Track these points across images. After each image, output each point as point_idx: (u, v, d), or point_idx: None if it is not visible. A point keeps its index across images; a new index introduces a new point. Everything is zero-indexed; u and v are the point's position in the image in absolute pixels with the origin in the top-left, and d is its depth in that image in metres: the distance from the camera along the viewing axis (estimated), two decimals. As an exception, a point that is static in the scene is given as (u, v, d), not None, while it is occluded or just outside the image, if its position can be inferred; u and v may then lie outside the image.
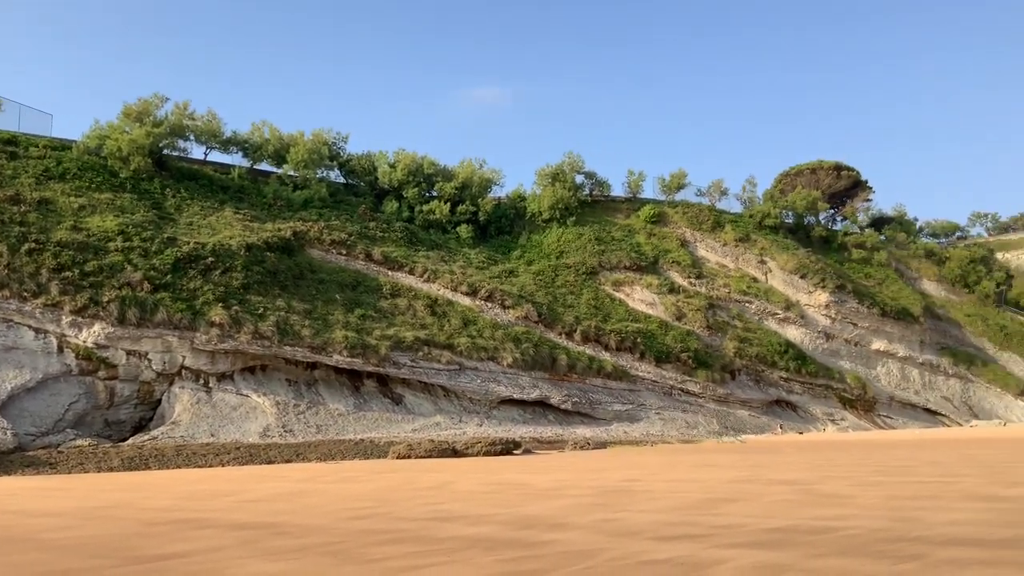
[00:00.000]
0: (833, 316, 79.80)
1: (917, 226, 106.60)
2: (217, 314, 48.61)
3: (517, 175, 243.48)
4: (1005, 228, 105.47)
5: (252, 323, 49.66)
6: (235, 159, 71.10)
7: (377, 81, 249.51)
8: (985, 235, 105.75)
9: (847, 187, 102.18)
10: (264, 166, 71.99)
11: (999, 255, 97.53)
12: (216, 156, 70.39)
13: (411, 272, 65.44)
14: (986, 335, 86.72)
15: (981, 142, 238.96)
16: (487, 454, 39.64)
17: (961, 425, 75.52)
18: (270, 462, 37.55)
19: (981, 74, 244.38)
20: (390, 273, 64.81)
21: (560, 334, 65.02)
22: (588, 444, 48.60)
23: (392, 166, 78.06)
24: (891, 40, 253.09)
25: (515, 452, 41.89)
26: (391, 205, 74.88)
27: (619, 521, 13.39)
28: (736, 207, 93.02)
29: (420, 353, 55.53)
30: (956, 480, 20.26)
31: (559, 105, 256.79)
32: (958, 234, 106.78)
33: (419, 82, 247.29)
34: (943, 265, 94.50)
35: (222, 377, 48.38)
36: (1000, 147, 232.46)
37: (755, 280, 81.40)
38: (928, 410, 78.90)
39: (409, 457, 38.01)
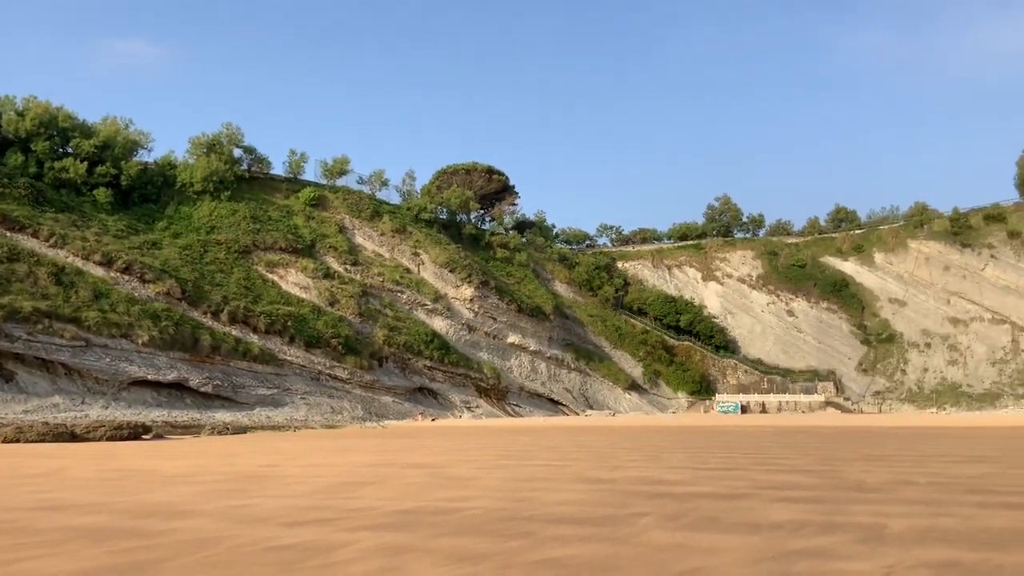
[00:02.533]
0: (476, 310, 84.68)
1: (554, 232, 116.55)
2: None
3: (169, 141, 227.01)
4: (626, 240, 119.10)
5: None
6: None
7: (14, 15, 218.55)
8: (609, 245, 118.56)
9: (497, 190, 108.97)
10: None
11: (619, 264, 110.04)
12: None
13: (35, 235, 58.32)
14: (604, 334, 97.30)
15: (612, 163, 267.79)
16: (112, 439, 36.48)
17: (578, 414, 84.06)
18: None
19: (619, 92, 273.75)
20: (8, 234, 57.18)
21: (205, 313, 61.82)
22: (228, 429, 46.68)
23: (20, 114, 68.78)
24: (550, 57, 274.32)
25: (144, 437, 39.03)
26: (15, 158, 65.98)
27: (249, 507, 13.05)
28: (395, 198, 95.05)
29: (40, 326, 49.67)
30: (568, 464, 22.35)
31: (223, 72, 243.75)
32: (587, 242, 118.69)
33: (59, 22, 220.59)
34: (573, 269, 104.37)
35: None
36: (628, 168, 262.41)
37: (408, 271, 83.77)
38: (552, 400, 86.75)
39: (18, 441, 33.83)
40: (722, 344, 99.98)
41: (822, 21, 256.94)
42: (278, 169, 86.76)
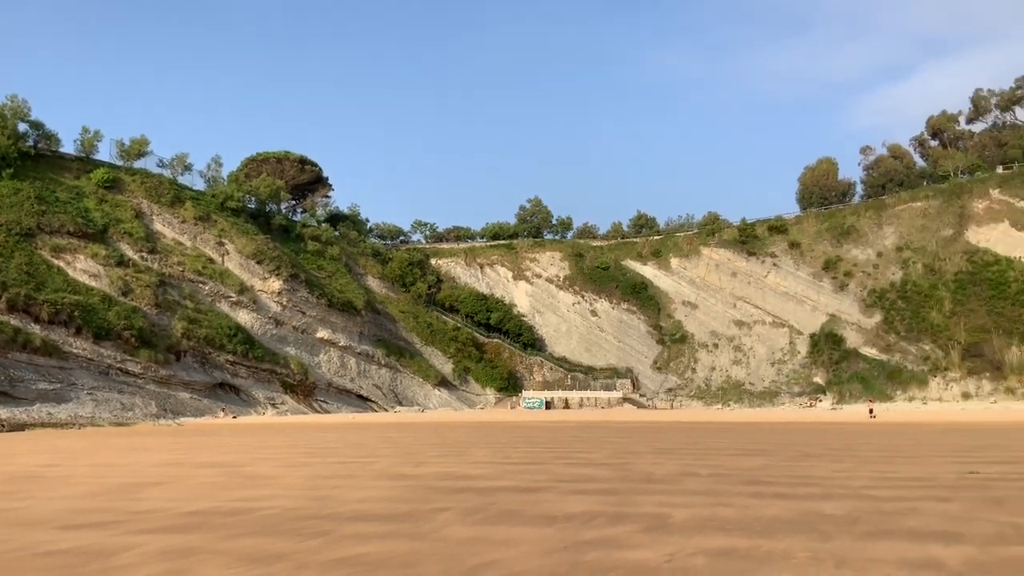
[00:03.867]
0: (284, 303, 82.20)
1: (368, 227, 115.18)
2: None
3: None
4: (440, 237, 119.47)
5: None
6: None
7: None
8: (423, 242, 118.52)
9: (310, 181, 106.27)
10: None
11: (433, 261, 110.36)
12: None
13: None
14: (415, 331, 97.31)
15: (427, 160, 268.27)
16: None
17: (387, 411, 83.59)
18: None
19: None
20: None
21: (-23, 300, 56.24)
22: (3, 426, 42.83)
23: None
24: (370, 45, 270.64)
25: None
26: None
27: (22, 510, 12.05)
28: (200, 184, 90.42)
29: None
30: (374, 460, 22.23)
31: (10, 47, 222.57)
32: (401, 238, 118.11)
33: None
34: (387, 265, 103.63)
35: None
36: (444, 166, 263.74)
37: (212, 261, 80.00)
38: (361, 396, 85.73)
39: None
40: (530, 342, 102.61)
41: (627, 33, 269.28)
42: (68, 147, 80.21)
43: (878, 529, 10.10)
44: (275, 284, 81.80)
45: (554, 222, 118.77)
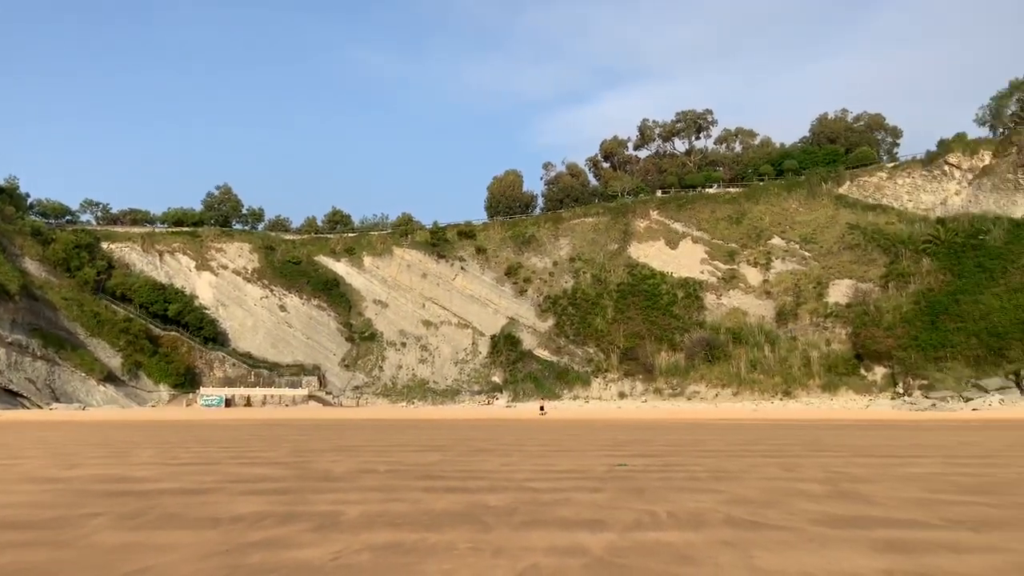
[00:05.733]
0: (-86, 284, 70.86)
1: (28, 202, 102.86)
2: None
3: None
4: (114, 219, 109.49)
5: None
6: None
7: None
8: (94, 223, 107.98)
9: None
10: None
11: (104, 244, 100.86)
12: None
13: None
14: (80, 320, 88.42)
15: (103, 134, 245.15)
16: None
17: (42, 407, 75.10)
18: None
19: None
20: None
21: None
22: None
23: None
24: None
25: None
26: None
27: None
28: None
29: None
30: (19, 463, 20.00)
31: None
32: (68, 218, 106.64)
33: None
34: (49, 246, 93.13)
35: None
36: (122, 141, 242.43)
37: None
38: (11, 391, 76.19)
39: None
40: (212, 336, 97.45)
41: (332, 30, 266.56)
42: None
43: (534, 519, 10.87)
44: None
45: (244, 212, 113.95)
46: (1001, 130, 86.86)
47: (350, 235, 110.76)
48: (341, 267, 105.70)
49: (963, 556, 8.57)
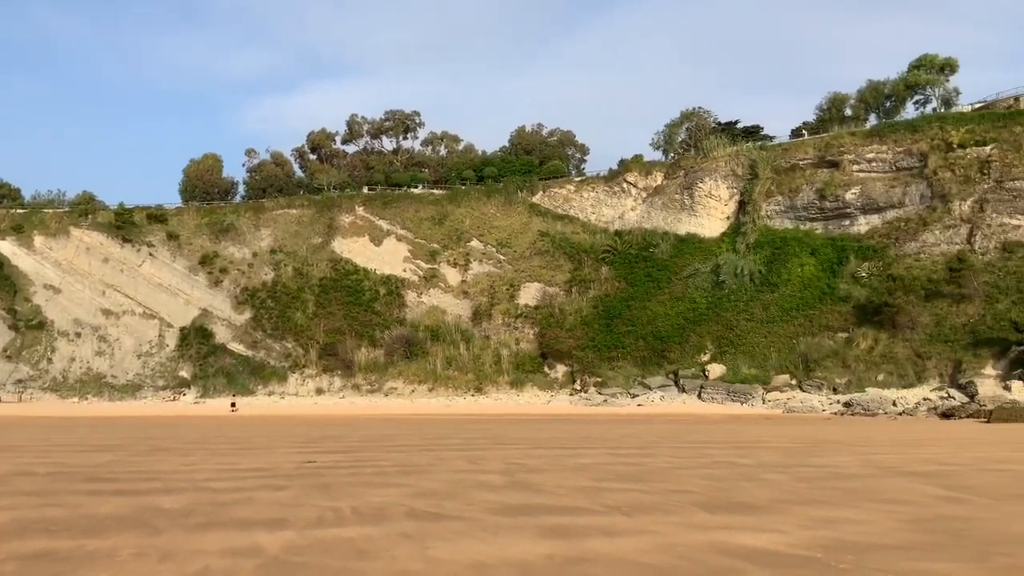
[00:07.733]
0: None
1: None
2: None
3: None
4: None
5: None
6: None
7: None
8: None
9: None
10: None
11: None
12: None
13: None
14: None
15: None
16: None
17: None
18: None
19: None
20: None
21: None
22: None
23: None
24: None
25: None
26: None
27: None
28: None
29: None
30: None
31: None
32: None
33: None
34: None
35: None
36: None
37: None
38: None
39: None
40: None
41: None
42: None
43: (210, 520, 10.50)
44: None
45: None
46: (672, 155, 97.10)
47: (19, 211, 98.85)
48: (6, 246, 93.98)
49: (615, 539, 9.58)
